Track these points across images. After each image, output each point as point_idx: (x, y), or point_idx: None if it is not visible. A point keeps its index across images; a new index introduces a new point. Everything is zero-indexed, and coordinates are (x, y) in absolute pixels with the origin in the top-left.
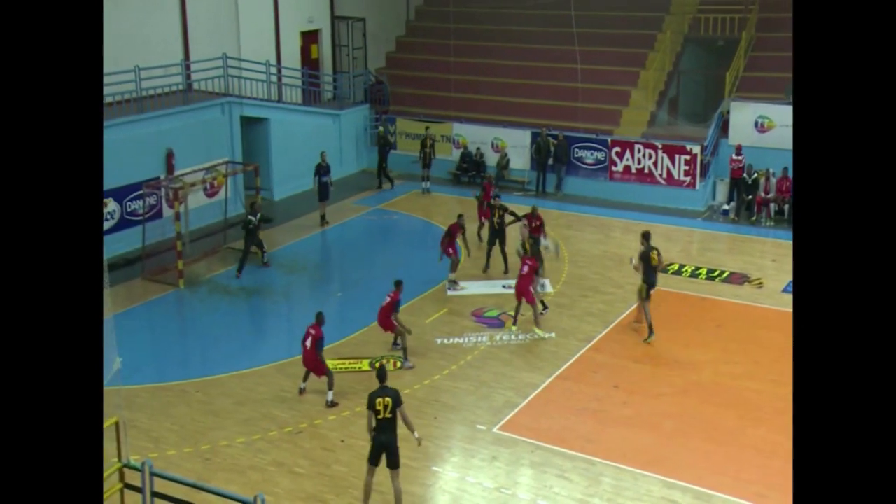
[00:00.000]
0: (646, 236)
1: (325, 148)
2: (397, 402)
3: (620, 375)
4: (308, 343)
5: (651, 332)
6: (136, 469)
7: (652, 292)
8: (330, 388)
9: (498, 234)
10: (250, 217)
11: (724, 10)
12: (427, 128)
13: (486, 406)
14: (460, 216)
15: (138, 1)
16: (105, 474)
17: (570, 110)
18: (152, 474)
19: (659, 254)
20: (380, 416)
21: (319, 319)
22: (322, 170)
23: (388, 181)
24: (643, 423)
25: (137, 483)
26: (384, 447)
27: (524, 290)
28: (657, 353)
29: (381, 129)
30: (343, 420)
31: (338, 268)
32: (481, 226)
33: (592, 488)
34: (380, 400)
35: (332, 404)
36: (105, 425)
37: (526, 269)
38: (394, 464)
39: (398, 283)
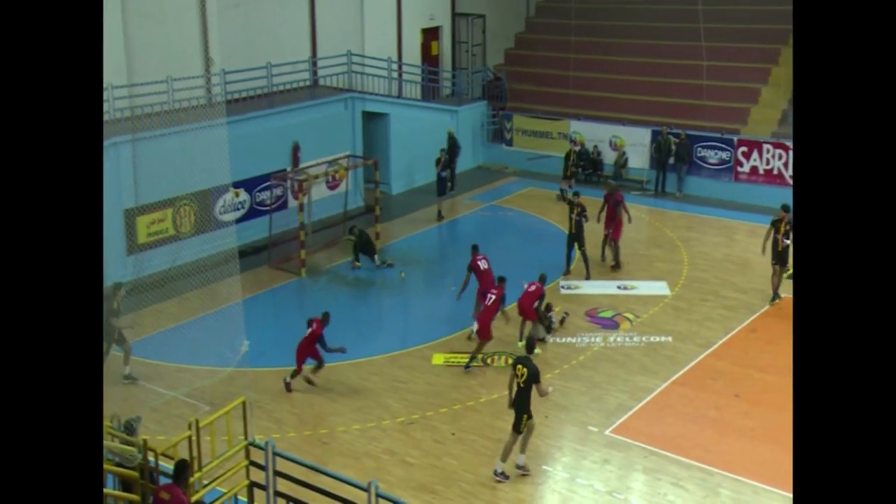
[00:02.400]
0: (785, 208)
1: (443, 144)
2: (533, 377)
3: (742, 384)
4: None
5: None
6: (260, 448)
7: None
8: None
9: (576, 236)
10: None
11: None
12: (573, 141)
13: (599, 408)
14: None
15: (272, 1)
16: (232, 451)
17: (693, 108)
18: (275, 454)
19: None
20: (517, 380)
21: (325, 319)
22: (441, 165)
23: (451, 187)
24: (766, 436)
25: (261, 461)
26: (516, 411)
27: (528, 308)
28: (784, 364)
29: (450, 130)
30: (454, 413)
31: (452, 262)
32: (606, 237)
33: (710, 499)
34: (520, 367)
35: (289, 388)
36: (233, 405)
37: (533, 287)
38: (515, 427)
39: (502, 280)
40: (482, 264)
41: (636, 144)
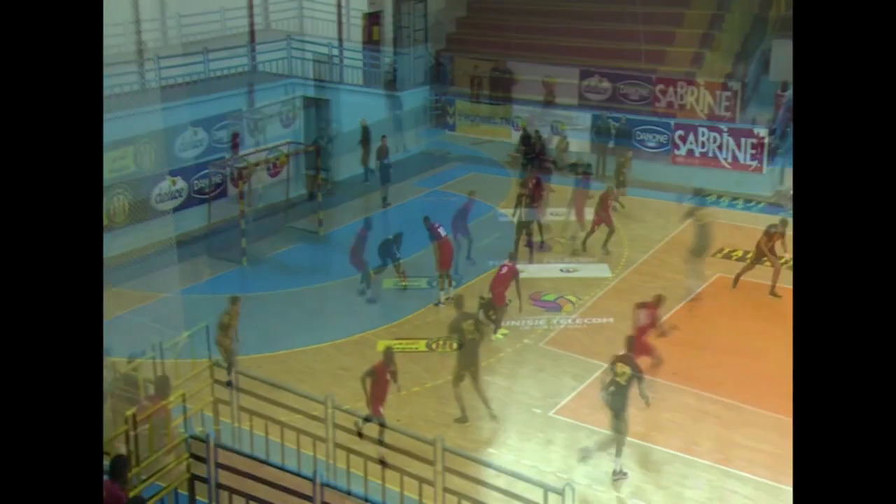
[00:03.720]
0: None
1: (385, 129)
2: (635, 375)
3: (680, 363)
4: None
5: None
6: (200, 440)
7: None
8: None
9: (525, 223)
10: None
11: None
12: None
13: (542, 389)
14: None
15: None
16: (171, 445)
17: (616, 52)
18: (216, 446)
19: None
20: (616, 378)
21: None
22: (383, 153)
23: (366, 178)
24: (703, 412)
25: (202, 454)
26: (612, 408)
27: (500, 294)
28: (719, 342)
29: (362, 119)
30: (400, 399)
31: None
32: (591, 232)
33: (650, 475)
34: (620, 365)
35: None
36: (172, 397)
37: (505, 269)
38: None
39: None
40: (441, 231)
41: (577, 128)
